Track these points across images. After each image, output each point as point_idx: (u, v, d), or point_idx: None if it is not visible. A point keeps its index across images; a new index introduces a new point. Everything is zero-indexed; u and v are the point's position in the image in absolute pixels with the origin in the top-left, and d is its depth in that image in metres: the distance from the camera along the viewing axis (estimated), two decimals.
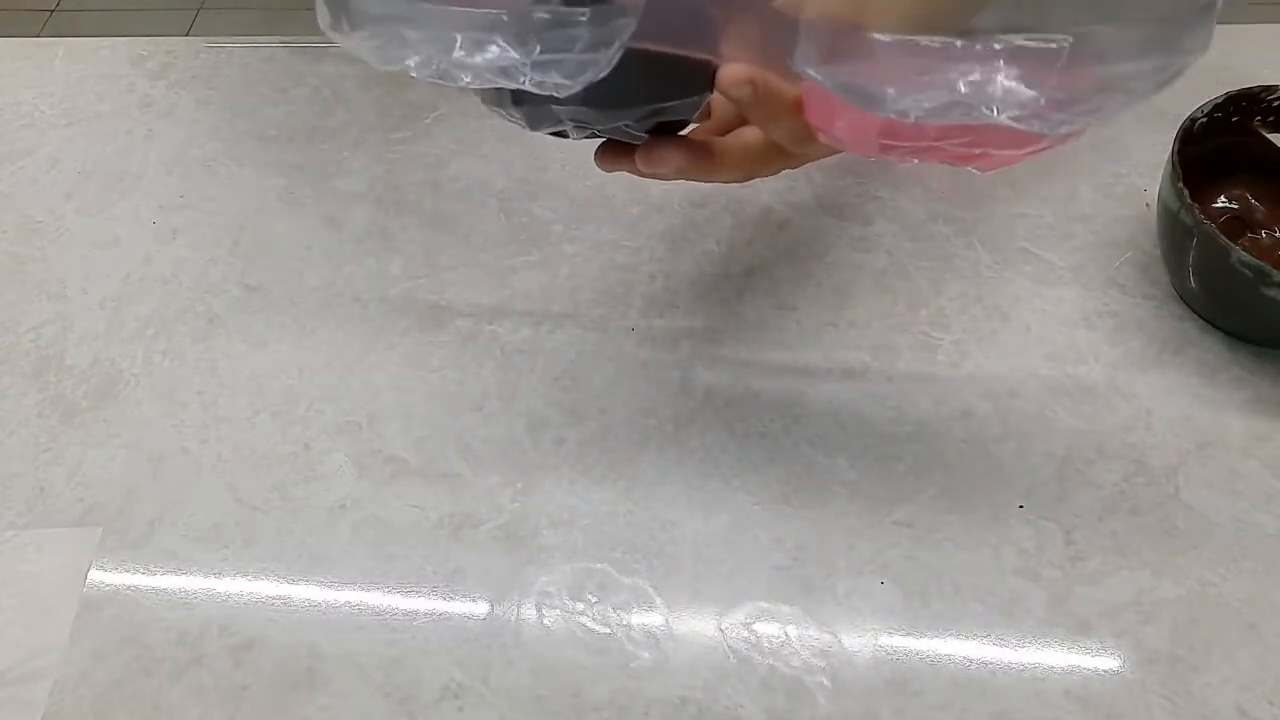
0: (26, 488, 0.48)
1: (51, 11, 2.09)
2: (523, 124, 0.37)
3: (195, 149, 0.62)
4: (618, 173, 0.40)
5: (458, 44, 0.32)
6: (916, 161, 0.42)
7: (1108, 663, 0.41)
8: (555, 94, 0.33)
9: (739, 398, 0.49)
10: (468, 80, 0.32)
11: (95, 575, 0.45)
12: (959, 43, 0.30)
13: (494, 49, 0.32)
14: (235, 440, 0.49)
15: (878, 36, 0.31)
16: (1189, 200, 0.46)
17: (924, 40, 0.31)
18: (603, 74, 0.32)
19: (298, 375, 0.51)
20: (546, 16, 0.31)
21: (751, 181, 0.47)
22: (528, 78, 0.32)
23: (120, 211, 0.59)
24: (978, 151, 0.35)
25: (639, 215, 0.57)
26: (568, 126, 0.37)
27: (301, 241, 0.57)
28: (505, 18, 0.32)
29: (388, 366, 0.51)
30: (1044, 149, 0.35)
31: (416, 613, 0.44)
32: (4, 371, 0.52)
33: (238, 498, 0.47)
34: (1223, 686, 0.40)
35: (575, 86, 0.32)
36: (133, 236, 0.58)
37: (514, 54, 0.32)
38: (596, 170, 0.40)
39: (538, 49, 0.32)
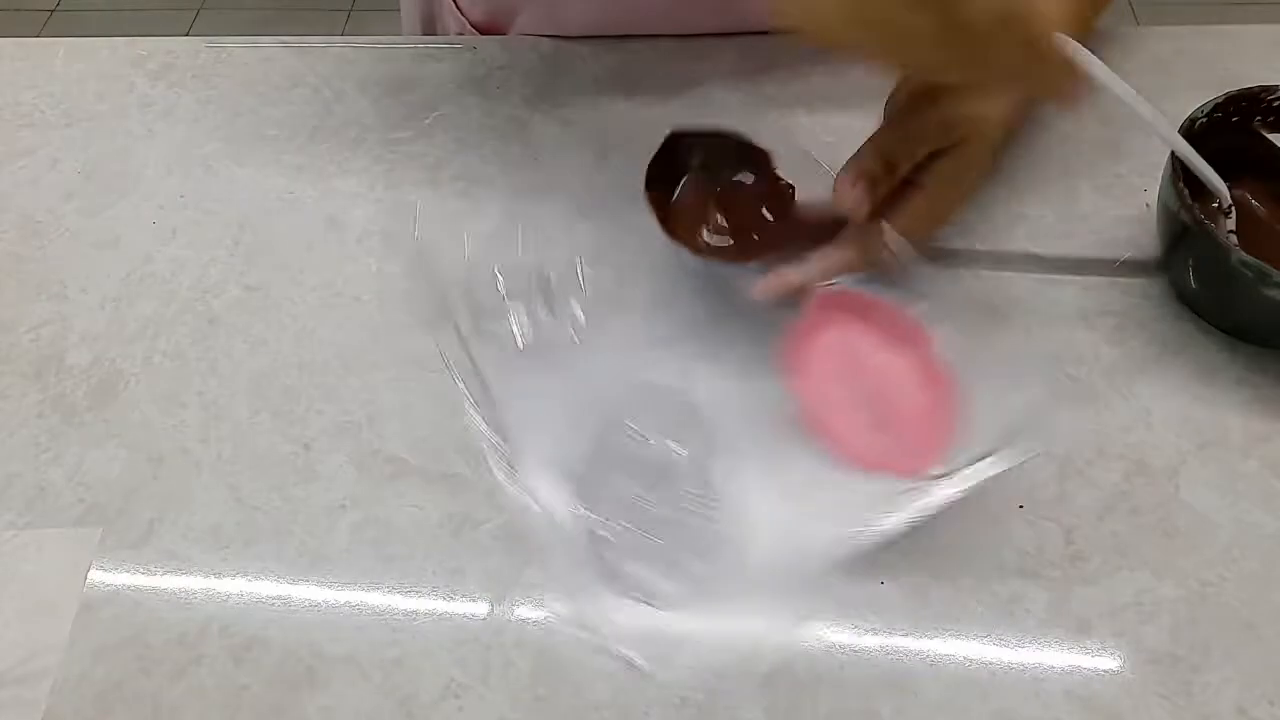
0: (26, 488, 0.48)
1: (51, 11, 2.09)
2: None
3: (195, 149, 0.62)
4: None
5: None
6: None
7: (1108, 663, 0.41)
8: None
9: (739, 398, 0.49)
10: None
11: (95, 575, 0.45)
12: None
13: None
14: (235, 440, 0.49)
15: None
16: (1189, 200, 0.46)
17: None
18: None
19: (298, 375, 0.51)
20: None
21: None
22: None
23: (120, 211, 0.59)
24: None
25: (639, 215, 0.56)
26: None
27: (301, 241, 0.57)
28: None
29: (388, 366, 0.51)
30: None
31: (416, 613, 0.44)
32: (4, 371, 0.52)
33: (238, 498, 0.47)
34: (1223, 686, 0.40)
35: None
36: (133, 236, 0.58)
37: None
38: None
39: None
